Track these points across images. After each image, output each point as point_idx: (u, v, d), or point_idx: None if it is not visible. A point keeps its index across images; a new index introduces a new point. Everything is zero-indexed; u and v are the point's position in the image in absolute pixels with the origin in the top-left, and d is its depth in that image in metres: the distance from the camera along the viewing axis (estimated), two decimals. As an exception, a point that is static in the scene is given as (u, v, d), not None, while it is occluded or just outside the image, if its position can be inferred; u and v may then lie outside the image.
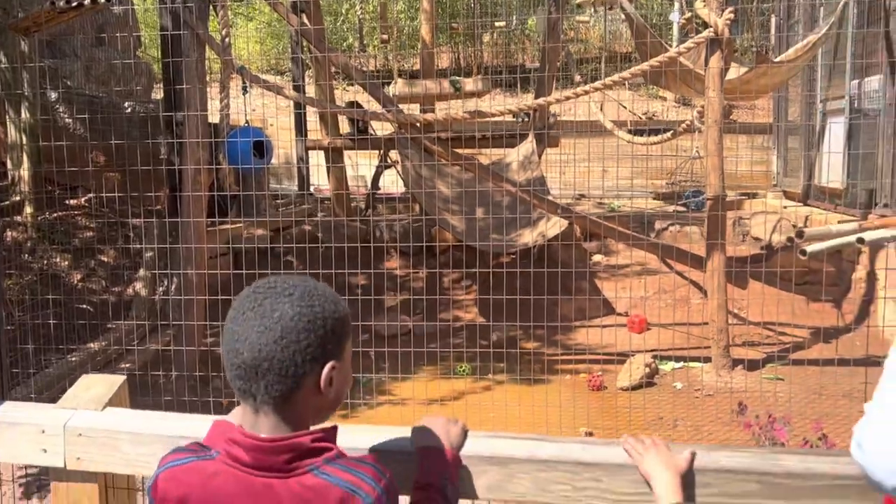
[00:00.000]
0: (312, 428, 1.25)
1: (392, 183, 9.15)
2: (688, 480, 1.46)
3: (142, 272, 7.04)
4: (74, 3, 4.08)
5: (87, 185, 7.83)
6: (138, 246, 6.35)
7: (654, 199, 9.99)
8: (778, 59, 6.08)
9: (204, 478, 1.22)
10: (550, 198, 6.57)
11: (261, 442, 1.20)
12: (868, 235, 4.18)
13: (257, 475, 1.20)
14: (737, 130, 11.76)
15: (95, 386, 1.76)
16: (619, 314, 6.83)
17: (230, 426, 1.25)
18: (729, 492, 1.48)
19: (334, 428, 1.29)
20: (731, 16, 4.51)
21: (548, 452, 1.53)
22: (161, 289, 6.86)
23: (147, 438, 1.62)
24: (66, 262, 7.16)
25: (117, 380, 1.79)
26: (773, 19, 9.29)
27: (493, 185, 6.41)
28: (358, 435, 1.62)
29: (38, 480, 3.66)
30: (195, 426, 1.62)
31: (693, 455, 1.47)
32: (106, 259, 7.38)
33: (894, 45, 6.37)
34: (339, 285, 5.87)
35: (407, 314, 7.06)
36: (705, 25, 4.63)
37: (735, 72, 5.92)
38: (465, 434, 1.57)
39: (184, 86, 4.72)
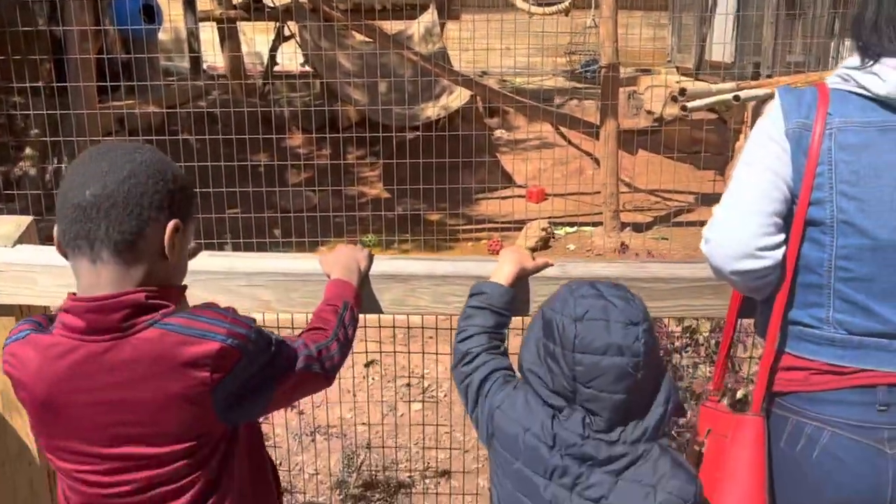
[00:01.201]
0: None
1: (290, 61, 8.90)
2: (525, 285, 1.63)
3: (28, 150, 6.73)
4: None
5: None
6: (25, 112, 6.01)
7: (555, 76, 10.13)
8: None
9: (39, 352, 1.16)
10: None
11: (93, 301, 1.13)
12: (744, 94, 4.49)
13: (95, 341, 1.13)
14: (630, 6, 11.85)
15: (4, 225, 1.79)
16: (519, 186, 7.08)
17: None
18: (603, 296, 1.70)
19: (177, 289, 1.24)
20: None
21: (445, 269, 1.69)
22: (51, 166, 6.61)
23: (63, 271, 1.65)
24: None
25: (25, 219, 1.81)
26: None
27: (395, 57, 6.37)
28: (270, 260, 1.74)
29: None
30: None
31: (545, 263, 1.64)
32: (-13, 138, 6.99)
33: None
34: (240, 160, 5.81)
35: (311, 191, 7.08)
36: None
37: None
38: (370, 258, 1.71)
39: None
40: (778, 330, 1.45)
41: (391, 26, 8.07)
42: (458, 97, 6.38)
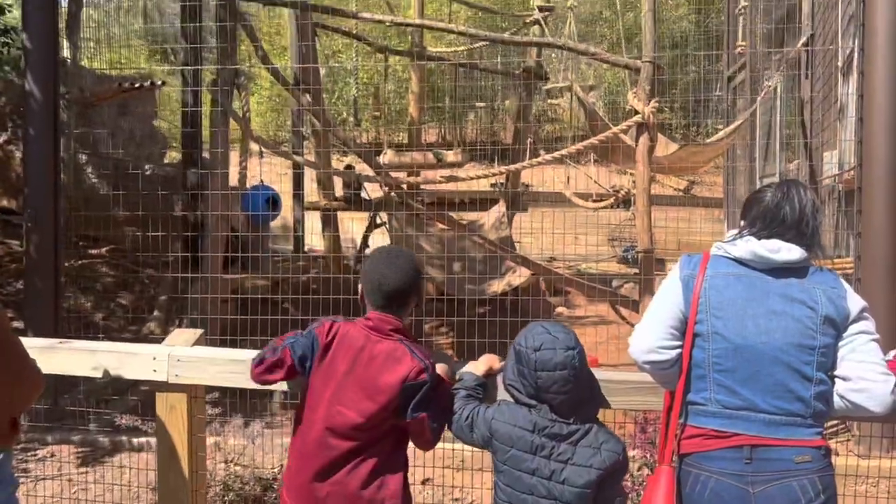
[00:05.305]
0: None
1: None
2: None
3: (156, 312, 7.96)
4: (137, 85, 5.14)
5: (110, 237, 8.79)
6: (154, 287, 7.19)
7: (619, 262, 11.08)
8: (709, 141, 7.24)
9: (347, 327, 2.31)
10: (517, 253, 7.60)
11: (382, 316, 2.29)
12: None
13: (371, 333, 2.27)
14: (699, 204, 12.94)
15: (185, 334, 2.73)
16: (576, 356, 7.76)
17: None
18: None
19: (412, 335, 2.35)
20: (656, 105, 5.63)
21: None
22: (172, 328, 7.75)
23: (222, 361, 2.58)
24: (90, 304, 8.07)
25: (199, 331, 2.75)
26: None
27: (468, 242, 7.44)
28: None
29: (92, 453, 4.54)
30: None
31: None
32: (125, 302, 8.30)
33: (807, 131, 7.55)
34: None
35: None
36: (636, 112, 5.75)
37: (672, 147, 7.05)
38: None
39: (218, 149, 5.78)
40: (680, 408, 2.19)
41: (468, 216, 9.28)
42: (519, 276, 7.33)
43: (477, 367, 2.42)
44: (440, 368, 2.37)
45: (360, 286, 2.37)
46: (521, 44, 8.25)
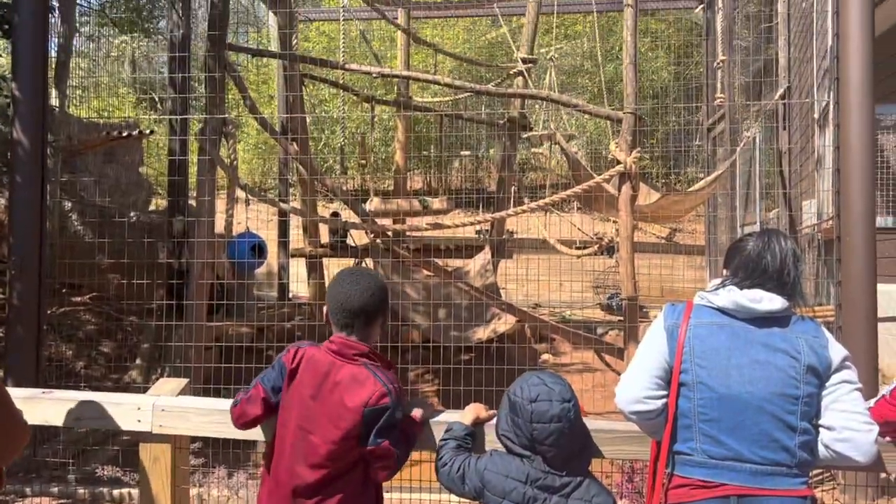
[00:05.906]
0: None
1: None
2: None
3: (138, 360, 7.87)
4: (125, 133, 5.17)
5: (93, 285, 8.72)
6: (137, 336, 7.15)
7: (602, 309, 11.12)
8: (690, 191, 7.35)
9: (312, 351, 2.30)
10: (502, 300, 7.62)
11: (345, 340, 2.28)
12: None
13: (336, 358, 2.26)
14: (681, 251, 13.06)
15: (170, 383, 2.72)
16: (562, 404, 7.73)
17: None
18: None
19: (385, 358, 2.32)
20: (638, 156, 5.73)
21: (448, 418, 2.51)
22: (154, 376, 7.66)
23: (208, 411, 2.57)
24: (71, 352, 7.97)
25: (184, 381, 2.74)
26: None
27: (453, 288, 7.45)
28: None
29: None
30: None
31: (495, 414, 2.42)
32: (107, 350, 8.21)
33: (786, 181, 7.69)
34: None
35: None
36: (618, 162, 5.85)
37: (653, 196, 7.16)
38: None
39: (205, 198, 5.79)
40: (667, 457, 2.20)
41: (454, 262, 9.31)
42: (505, 323, 7.34)
43: (464, 417, 2.42)
44: (415, 413, 2.38)
45: (325, 308, 2.35)
46: (506, 95, 8.40)
